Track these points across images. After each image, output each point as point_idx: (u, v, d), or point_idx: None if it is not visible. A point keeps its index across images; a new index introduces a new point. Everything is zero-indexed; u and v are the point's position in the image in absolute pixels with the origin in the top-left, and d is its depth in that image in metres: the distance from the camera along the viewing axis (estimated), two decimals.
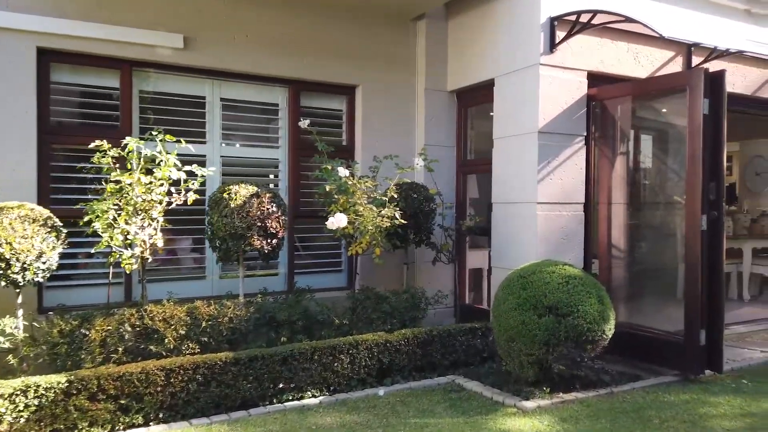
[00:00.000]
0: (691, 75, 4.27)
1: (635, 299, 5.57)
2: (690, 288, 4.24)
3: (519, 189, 4.89)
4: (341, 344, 4.04)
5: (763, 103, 6.03)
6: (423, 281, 5.62)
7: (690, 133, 4.23)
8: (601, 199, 5.15)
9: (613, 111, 5.09)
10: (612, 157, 5.17)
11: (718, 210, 4.24)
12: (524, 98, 4.84)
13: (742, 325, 6.02)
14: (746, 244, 7.44)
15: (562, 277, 3.86)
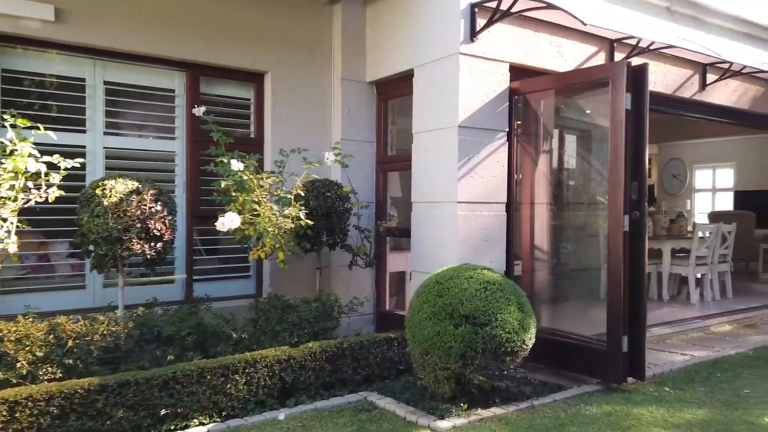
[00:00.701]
0: (614, 68, 4.08)
1: (559, 303, 5.40)
2: (612, 292, 4.03)
3: (439, 187, 4.56)
4: (235, 363, 3.54)
5: (682, 103, 6.03)
6: (340, 287, 5.19)
7: (612, 130, 4.03)
8: (524, 199, 4.91)
9: (536, 106, 4.86)
10: (535, 154, 4.94)
11: (640, 210, 4.06)
12: (444, 90, 4.51)
13: (663, 326, 5.97)
14: (665, 245, 7.50)
15: (481, 283, 3.53)
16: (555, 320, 5.12)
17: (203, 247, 4.96)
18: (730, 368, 4.54)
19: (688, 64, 5.91)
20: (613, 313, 4.02)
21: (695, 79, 6.00)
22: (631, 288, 4.08)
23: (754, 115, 6.84)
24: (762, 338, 5.67)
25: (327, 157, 4.28)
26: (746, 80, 6.53)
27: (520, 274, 4.90)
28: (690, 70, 5.94)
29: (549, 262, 5.25)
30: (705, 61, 5.98)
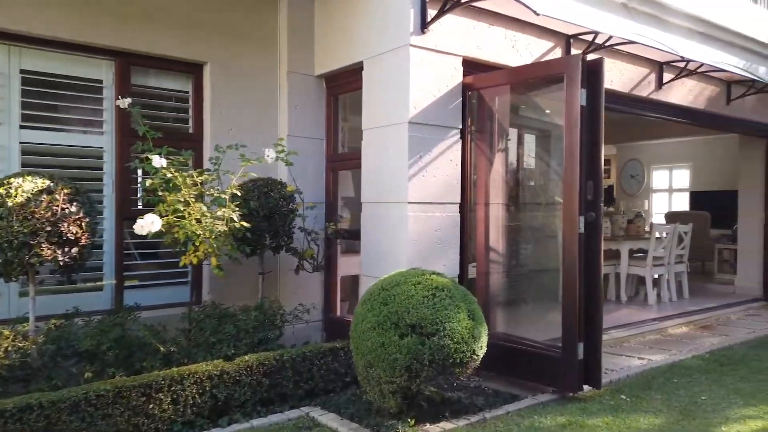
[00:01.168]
0: (568, 62, 3.90)
1: (516, 307, 5.22)
2: (567, 297, 3.86)
3: (389, 187, 4.31)
4: (159, 380, 3.20)
5: (640, 102, 5.94)
6: (287, 293, 4.89)
7: (567, 127, 3.85)
8: (479, 199, 4.70)
9: (491, 102, 4.66)
10: (490, 153, 4.74)
11: (596, 211, 3.90)
12: (394, 84, 4.26)
13: (621, 329, 5.87)
14: (623, 245, 7.45)
15: (429, 289, 3.29)
16: (511, 325, 4.94)
17: (136, 251, 4.58)
18: (687, 373, 4.43)
19: (645, 63, 5.82)
20: (568, 318, 3.85)
21: (652, 77, 5.92)
22: (587, 292, 3.92)
23: (710, 116, 6.82)
24: (718, 340, 5.62)
25: (267, 154, 3.97)
26: (702, 80, 6.50)
27: (475, 277, 4.70)
28: (647, 69, 5.85)
29: (506, 264, 5.07)
30: (662, 60, 5.90)
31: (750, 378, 4.27)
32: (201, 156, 4.65)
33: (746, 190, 8.16)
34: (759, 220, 7.92)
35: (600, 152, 3.91)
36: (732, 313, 7.01)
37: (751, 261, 8.05)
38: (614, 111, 5.83)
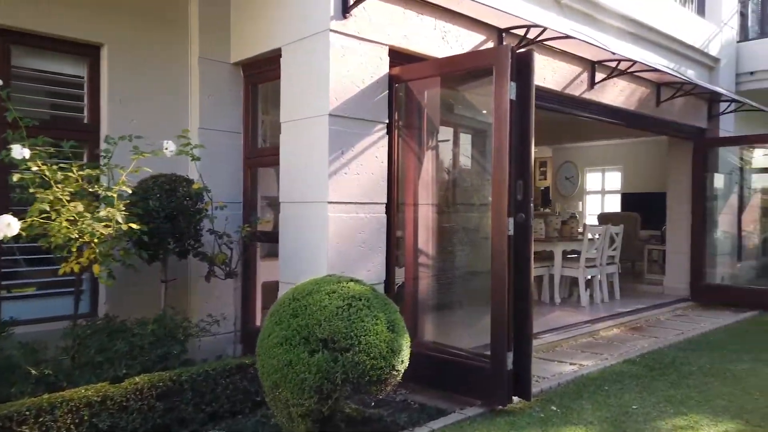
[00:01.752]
0: (498, 53, 3.66)
1: (446, 314, 4.97)
2: (496, 304, 3.62)
3: (308, 185, 3.95)
4: (23, 410, 2.71)
5: (572, 101, 5.84)
6: (198, 302, 4.44)
7: (496, 122, 3.62)
8: (407, 200, 4.41)
9: (420, 96, 4.38)
10: (420, 150, 4.47)
11: (526, 212, 3.68)
12: (313, 73, 3.90)
13: (554, 332, 5.74)
14: (557, 247, 7.39)
15: (344, 299, 2.95)
16: (442, 333, 4.68)
17: (21, 257, 4.01)
18: (618, 379, 4.31)
19: (577, 61, 5.72)
20: (497, 327, 3.61)
21: (584, 77, 5.83)
22: (517, 298, 3.69)
23: (641, 117, 6.85)
24: (648, 342, 5.58)
25: (166, 146, 3.51)
26: (633, 81, 6.50)
27: (404, 282, 4.41)
28: (579, 68, 5.76)
29: (437, 268, 4.81)
30: (594, 59, 5.83)
31: (680, 383, 4.18)
32: (97, 148, 4.12)
33: (674, 192, 8.31)
34: (686, 221, 8.07)
35: (530, 150, 3.70)
36: (661, 314, 7.07)
37: (679, 261, 8.19)
38: (548, 110, 5.71)
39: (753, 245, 9.11)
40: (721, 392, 3.99)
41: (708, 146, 7.95)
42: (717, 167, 8.06)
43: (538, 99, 5.57)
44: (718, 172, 8.08)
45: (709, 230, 8.04)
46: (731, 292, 7.82)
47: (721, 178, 8.20)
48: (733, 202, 8.51)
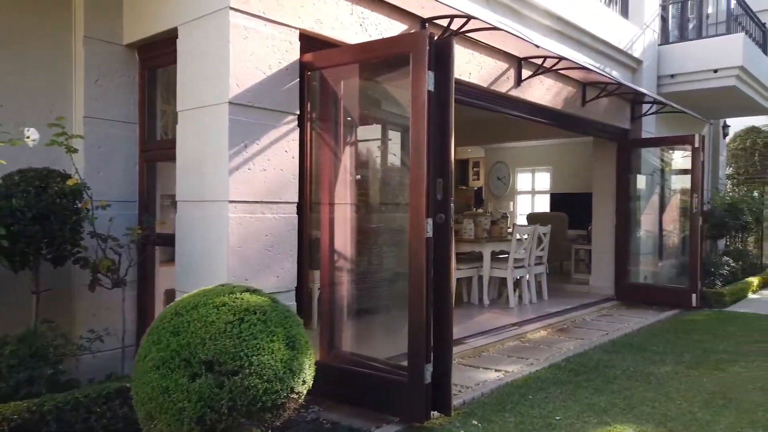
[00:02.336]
0: (414, 39, 3.37)
1: (366, 322, 4.66)
2: (414, 313, 3.33)
3: (207, 182, 3.51)
4: None
5: (499, 97, 5.67)
6: (84, 315, 3.90)
7: (414, 115, 3.33)
8: (323, 199, 4.06)
9: (336, 86, 4.04)
10: (337, 145, 4.12)
11: (445, 212, 3.41)
12: (213, 55, 3.48)
13: (480, 336, 5.56)
14: (486, 248, 7.25)
15: (236, 313, 2.56)
16: (361, 343, 4.37)
17: None
18: (542, 386, 4.13)
19: (504, 57, 5.56)
20: (415, 337, 3.32)
21: (511, 73, 5.68)
22: (437, 306, 3.42)
23: (567, 117, 6.81)
24: (574, 345, 5.49)
25: (28, 134, 2.99)
26: (560, 80, 6.44)
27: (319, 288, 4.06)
28: (506, 64, 5.60)
29: (356, 272, 4.48)
30: (520, 55, 5.69)
31: (604, 389, 4.06)
32: None
33: (599, 192, 8.39)
34: (611, 221, 8.16)
35: (450, 146, 3.43)
36: (587, 314, 7.07)
37: (604, 261, 8.28)
38: (474, 106, 5.52)
39: (673, 244, 9.38)
40: (645, 398, 3.88)
41: (631, 147, 8.07)
42: (640, 168, 8.20)
43: (465, 95, 5.41)
44: (640, 172, 8.23)
45: (632, 230, 8.17)
46: (653, 291, 7.97)
47: (643, 178, 8.36)
48: (654, 202, 8.71)
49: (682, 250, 9.25)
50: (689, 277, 7.48)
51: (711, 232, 9.70)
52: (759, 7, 9.82)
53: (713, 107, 9.35)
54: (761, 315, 6.95)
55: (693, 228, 7.45)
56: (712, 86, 8.04)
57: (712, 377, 4.34)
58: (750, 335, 5.82)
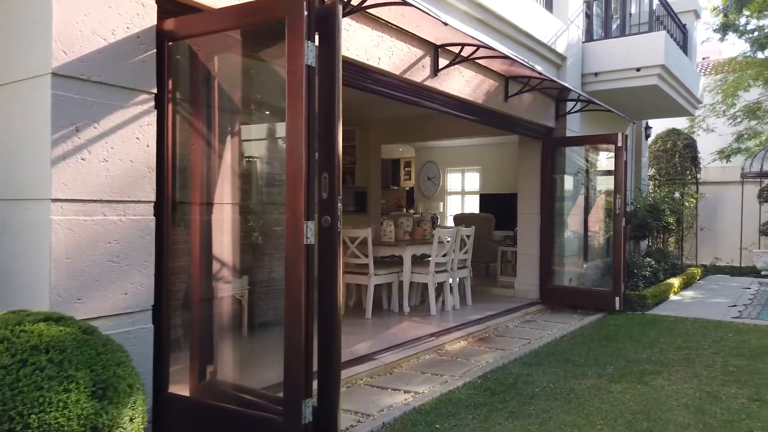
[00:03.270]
0: (290, 2, 2.74)
1: (245, 345, 4.01)
2: (291, 336, 2.72)
3: (24, 176, 2.76)
4: None
5: (414, 87, 5.16)
6: None
7: (290, 95, 2.72)
8: (193, 198, 3.38)
9: (208, 60, 3.37)
10: (210, 132, 3.45)
11: (332, 214, 2.83)
12: (27, 14, 2.73)
13: (393, 351, 5.02)
14: (406, 251, 6.75)
15: (17, 353, 1.87)
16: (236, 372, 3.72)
17: None
18: (453, 411, 3.63)
19: (418, 43, 5.06)
20: (291, 367, 2.71)
21: (427, 61, 5.19)
22: (322, 326, 2.83)
23: (489, 112, 6.42)
24: (494, 356, 5.06)
25: None
26: (481, 72, 6.02)
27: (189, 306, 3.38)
28: (420, 50, 5.09)
29: (236, 285, 3.83)
30: (437, 42, 5.21)
31: (520, 412, 3.60)
32: None
33: (525, 192, 8.10)
34: (536, 221, 7.88)
35: (338, 134, 2.85)
36: (510, 321, 6.70)
37: (529, 263, 7.99)
38: (385, 96, 4.99)
39: (598, 245, 9.26)
40: (564, 422, 3.45)
41: (555, 145, 7.81)
42: (565, 168, 7.96)
43: (375, 83, 4.85)
44: (565, 172, 7.99)
45: (557, 231, 7.92)
46: (577, 295, 7.73)
47: (569, 178, 8.14)
48: (580, 202, 8.53)
49: (607, 252, 9.14)
50: (612, 280, 7.28)
51: (634, 233, 9.67)
52: (680, 8, 9.89)
53: (636, 107, 9.31)
54: (682, 318, 6.82)
55: (616, 229, 7.26)
56: (635, 85, 7.91)
57: (636, 393, 3.98)
58: (673, 341, 5.59)
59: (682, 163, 12.14)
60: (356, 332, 5.73)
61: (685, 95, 9.25)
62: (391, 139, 10.68)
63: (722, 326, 6.32)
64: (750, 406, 3.70)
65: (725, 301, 8.17)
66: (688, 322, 6.57)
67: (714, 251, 12.88)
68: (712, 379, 4.30)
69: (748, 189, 12.32)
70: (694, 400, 3.81)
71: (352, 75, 4.46)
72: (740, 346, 5.35)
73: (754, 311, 7.29)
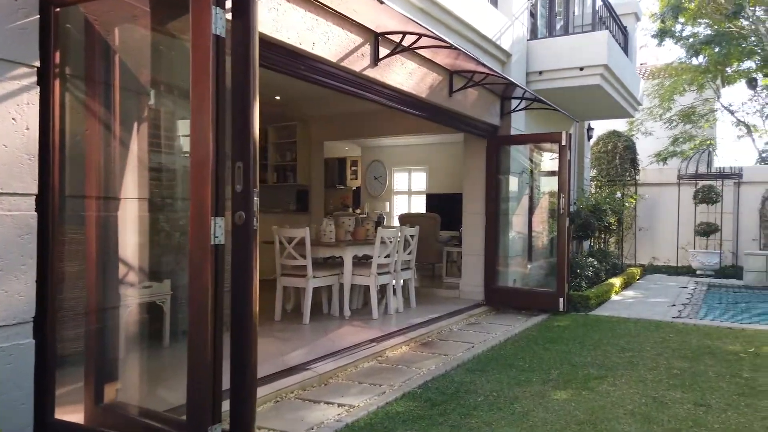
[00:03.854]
0: None
1: (156, 359, 3.58)
2: (195, 351, 2.33)
3: None
4: None
5: (352, 77, 4.83)
6: None
7: (194, 70, 2.34)
8: (88, 190, 2.93)
9: (108, 32, 2.92)
10: (110, 115, 3.00)
11: (247, 209, 2.45)
12: None
13: (331, 358, 4.67)
14: (347, 252, 6.40)
15: None
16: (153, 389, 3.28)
17: None
18: (390, 426, 3.32)
19: (357, 29, 4.73)
20: (196, 388, 2.32)
21: (366, 50, 4.87)
22: (236, 338, 2.45)
23: (433, 107, 6.17)
24: (436, 363, 4.79)
25: None
26: (425, 64, 5.77)
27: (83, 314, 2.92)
28: (359, 37, 4.77)
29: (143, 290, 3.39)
30: (378, 29, 4.90)
31: (460, 426, 3.33)
32: None
33: (470, 192, 7.92)
34: (481, 221, 7.71)
35: (254, 117, 2.47)
36: (455, 323, 6.48)
37: (474, 264, 7.81)
38: (322, 85, 4.65)
39: (542, 245, 9.22)
40: None
41: (500, 143, 7.67)
42: (509, 167, 7.84)
43: (310, 70, 4.46)
44: (510, 171, 7.87)
45: (502, 231, 7.78)
46: (521, 296, 7.61)
47: (514, 179, 8.02)
48: (524, 203, 8.44)
49: (551, 252, 9.11)
50: (557, 281, 7.19)
51: (577, 233, 9.70)
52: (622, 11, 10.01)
53: (579, 108, 9.32)
54: (624, 318, 6.79)
55: (561, 229, 7.17)
56: (579, 84, 7.87)
57: (581, 400, 3.80)
58: (616, 342, 5.50)
59: (623, 165, 12.35)
60: (291, 339, 5.35)
61: (626, 96, 9.35)
62: (335, 135, 10.30)
63: (663, 326, 6.31)
64: (696, 412, 3.57)
65: (665, 300, 8.26)
66: (630, 322, 6.53)
67: (652, 251, 13.19)
68: (657, 383, 4.18)
69: (684, 190, 12.68)
70: (640, 407, 3.65)
71: (284, 60, 4.09)
72: (682, 347, 5.30)
73: (692, 311, 7.37)
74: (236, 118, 2.44)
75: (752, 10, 13.98)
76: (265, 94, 8.54)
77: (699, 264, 11.75)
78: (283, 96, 8.85)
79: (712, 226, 11.96)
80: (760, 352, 5.13)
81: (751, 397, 3.85)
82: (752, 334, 5.89)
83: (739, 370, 4.50)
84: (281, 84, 7.91)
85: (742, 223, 12.30)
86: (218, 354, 2.33)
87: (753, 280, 10.14)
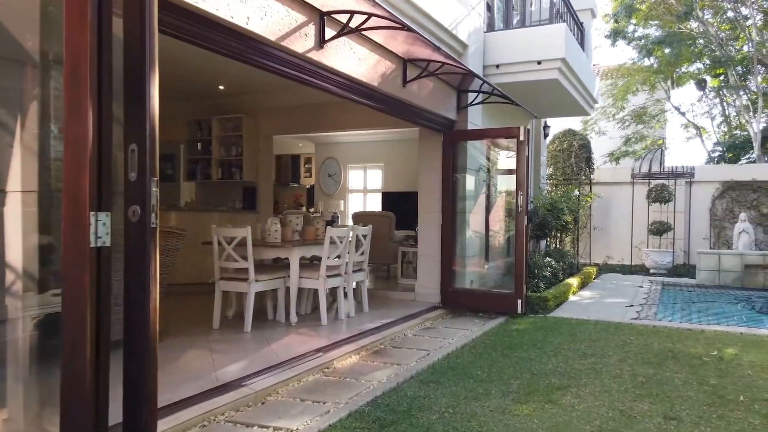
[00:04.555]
0: None
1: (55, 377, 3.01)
2: (70, 385, 1.83)
3: None
4: None
5: (294, 58, 4.36)
6: None
7: (67, 24, 1.83)
8: None
9: None
10: None
11: (143, 202, 1.96)
12: None
13: (271, 372, 4.20)
14: (294, 253, 5.92)
15: None
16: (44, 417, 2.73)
17: None
18: None
19: (299, 6, 4.27)
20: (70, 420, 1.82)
21: (310, 30, 4.41)
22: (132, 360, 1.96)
23: (386, 97, 5.76)
24: (387, 374, 4.38)
25: None
26: (377, 50, 5.35)
27: None
28: (302, 15, 4.31)
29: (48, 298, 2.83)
30: (323, 8, 4.45)
31: None
32: None
33: (425, 189, 7.56)
34: (437, 220, 7.36)
35: (153, 89, 1.98)
36: (409, 328, 6.08)
37: (430, 264, 7.46)
38: (261, 67, 4.17)
39: (500, 245, 8.95)
40: None
41: (457, 138, 7.33)
42: (466, 164, 7.51)
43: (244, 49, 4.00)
44: (468, 169, 7.55)
45: (458, 231, 7.44)
46: (479, 298, 7.29)
47: (471, 177, 7.70)
48: (481, 201, 8.14)
49: (508, 252, 8.85)
50: (515, 282, 6.90)
51: (534, 232, 9.50)
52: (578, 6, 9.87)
53: (536, 104, 9.11)
54: (584, 320, 6.56)
55: (519, 228, 6.88)
56: (536, 78, 7.63)
57: (545, 416, 3.45)
58: (577, 347, 5.22)
59: (578, 164, 12.29)
60: (228, 350, 4.84)
61: (583, 93, 9.20)
62: (284, 129, 9.76)
63: (623, 329, 6.10)
64: (667, 426, 3.28)
65: (622, 300, 8.12)
66: (589, 324, 6.30)
67: (606, 250, 13.20)
68: (623, 393, 3.89)
69: (638, 189, 12.73)
70: (608, 422, 3.33)
71: (211, 34, 3.59)
72: (644, 351, 5.07)
73: (650, 311, 7.22)
74: (129, 90, 1.95)
75: (702, 12, 14.22)
76: (208, 82, 7.94)
77: (652, 263, 11.79)
78: (227, 85, 8.27)
79: (665, 225, 12.03)
80: (723, 355, 4.94)
81: (722, 407, 3.61)
82: (712, 336, 5.74)
83: (705, 377, 4.28)
84: (225, 72, 7.34)
85: (694, 223, 12.43)
86: (97, 382, 1.84)
87: (705, 278, 10.19)
